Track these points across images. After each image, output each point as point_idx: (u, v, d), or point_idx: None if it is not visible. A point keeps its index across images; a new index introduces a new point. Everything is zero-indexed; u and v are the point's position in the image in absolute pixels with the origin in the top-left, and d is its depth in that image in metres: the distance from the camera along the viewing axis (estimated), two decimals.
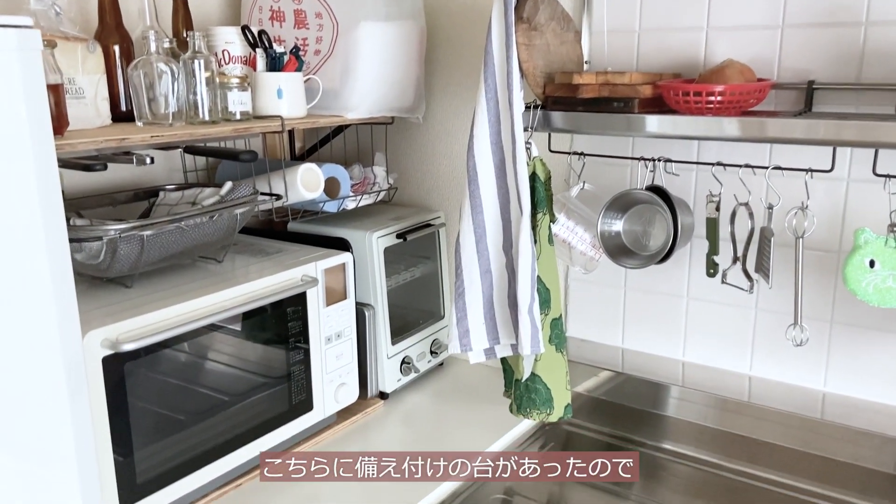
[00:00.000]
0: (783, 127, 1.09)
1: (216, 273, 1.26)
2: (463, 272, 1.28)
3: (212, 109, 1.24)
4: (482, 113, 1.22)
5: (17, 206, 0.79)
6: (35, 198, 0.79)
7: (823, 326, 1.28)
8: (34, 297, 0.82)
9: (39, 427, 0.85)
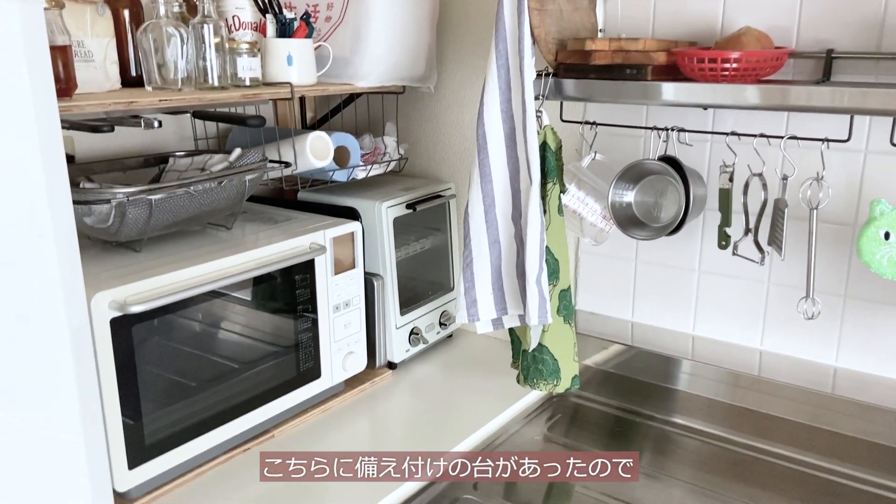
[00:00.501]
0: (807, 94, 1.06)
1: (225, 239, 1.26)
2: (471, 242, 1.27)
3: (221, 75, 1.24)
4: (493, 80, 1.21)
5: (20, 162, 0.79)
6: (37, 152, 0.79)
7: (836, 301, 1.27)
8: (39, 255, 0.82)
9: (45, 388, 0.86)
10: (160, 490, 1.12)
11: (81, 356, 0.89)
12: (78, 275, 0.86)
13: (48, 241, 0.83)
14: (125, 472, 1.06)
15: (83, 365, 0.89)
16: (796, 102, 1.08)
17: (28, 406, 0.85)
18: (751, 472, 1.24)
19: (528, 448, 1.31)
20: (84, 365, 0.90)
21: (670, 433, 1.36)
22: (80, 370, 0.89)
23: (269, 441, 1.27)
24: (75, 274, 0.86)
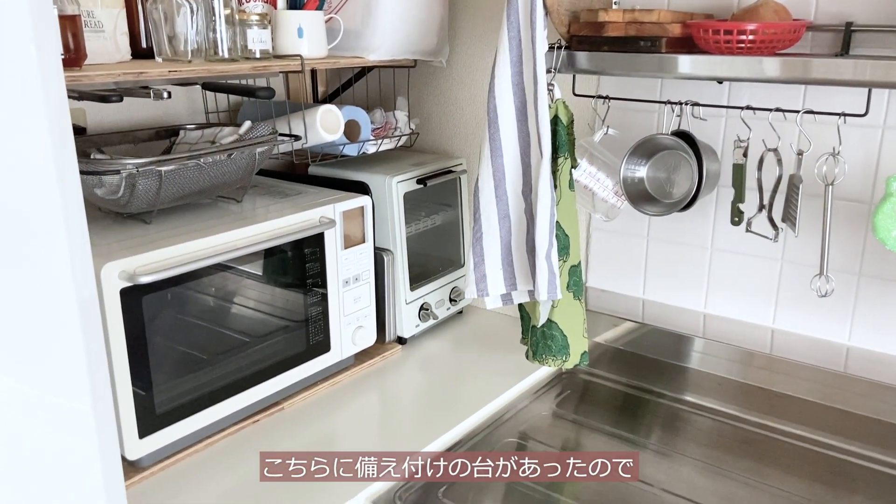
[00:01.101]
0: (827, 67, 1.04)
1: (235, 212, 1.26)
2: (481, 217, 1.27)
3: (231, 47, 1.23)
4: (504, 53, 1.19)
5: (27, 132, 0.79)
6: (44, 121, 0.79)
7: (850, 279, 1.25)
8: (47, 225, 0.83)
9: (55, 357, 0.87)
10: (171, 459, 1.14)
11: (91, 326, 0.89)
12: (86, 245, 0.86)
13: (56, 210, 0.83)
14: (136, 440, 1.07)
15: (92, 335, 0.90)
16: (817, 75, 1.06)
17: (38, 375, 0.86)
18: (761, 450, 1.23)
19: (537, 424, 1.31)
20: (93, 335, 0.90)
21: (680, 411, 1.36)
22: (89, 340, 0.89)
23: (279, 413, 1.28)
24: (83, 244, 0.86)
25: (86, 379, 0.89)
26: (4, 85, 0.77)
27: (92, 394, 0.90)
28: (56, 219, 0.83)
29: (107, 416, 0.93)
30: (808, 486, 1.14)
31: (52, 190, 0.82)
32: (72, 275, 0.85)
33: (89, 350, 0.89)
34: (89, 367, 0.89)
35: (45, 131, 0.80)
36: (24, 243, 0.81)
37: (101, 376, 0.91)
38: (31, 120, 0.79)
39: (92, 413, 0.91)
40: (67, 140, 0.82)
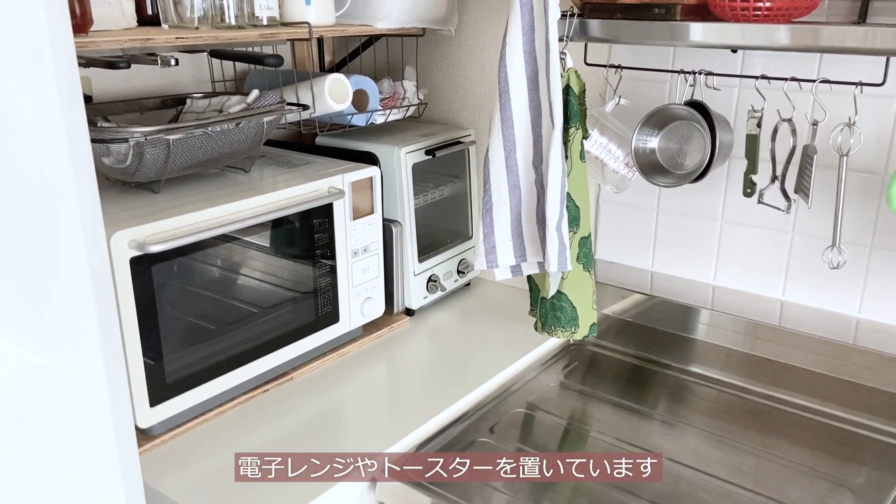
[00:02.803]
0: (838, 34, 1.02)
1: (243, 182, 1.25)
2: (491, 187, 1.26)
3: (238, 14, 1.21)
4: (516, 20, 1.17)
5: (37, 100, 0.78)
6: (54, 88, 0.78)
7: (862, 251, 1.24)
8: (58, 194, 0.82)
9: (67, 327, 0.87)
10: (182, 427, 1.14)
11: (102, 295, 0.89)
12: (98, 213, 0.86)
13: (68, 180, 0.82)
14: (147, 409, 1.08)
15: (104, 304, 0.90)
16: (828, 43, 1.04)
17: (51, 345, 0.86)
18: (768, 420, 1.24)
19: (545, 395, 1.31)
20: (105, 304, 0.90)
21: (687, 382, 1.36)
22: (101, 309, 0.89)
23: (288, 382, 1.29)
24: (95, 213, 0.86)
25: (99, 349, 0.89)
26: (15, 52, 0.76)
27: (105, 363, 0.90)
28: (67, 186, 0.82)
29: (120, 385, 0.93)
30: (815, 456, 1.14)
31: (62, 158, 0.81)
32: (84, 243, 0.85)
33: (102, 319, 0.89)
34: (102, 337, 0.89)
35: (56, 98, 0.79)
36: (36, 213, 0.81)
37: (114, 345, 0.91)
38: (42, 87, 0.78)
39: (105, 382, 0.91)
40: (78, 107, 0.82)
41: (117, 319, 0.92)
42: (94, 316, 0.89)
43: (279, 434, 1.14)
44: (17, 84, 0.77)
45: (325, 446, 1.10)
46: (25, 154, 0.79)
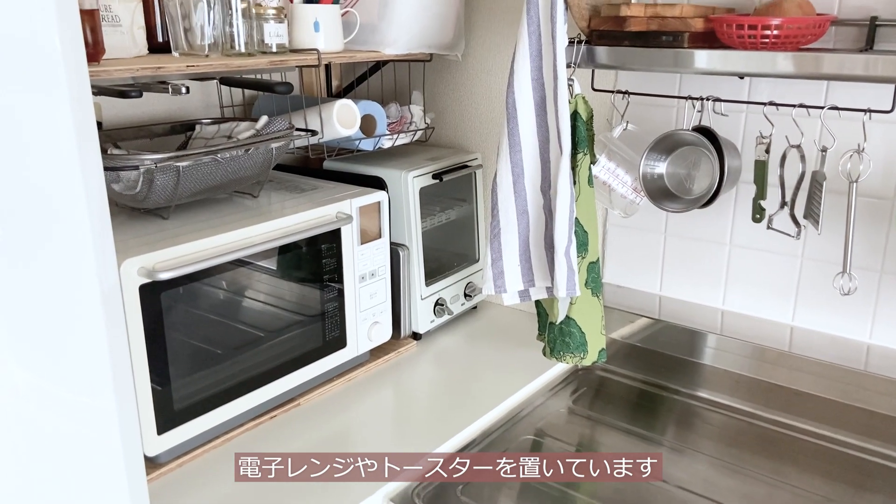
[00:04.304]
0: (840, 62, 1.03)
1: (252, 207, 1.26)
2: (499, 212, 1.26)
3: (248, 41, 1.22)
4: (524, 47, 1.18)
5: (52, 134, 0.78)
6: (69, 124, 0.78)
7: (873, 276, 1.24)
8: (71, 222, 0.82)
9: (77, 354, 0.87)
10: (189, 455, 1.14)
11: (113, 322, 0.89)
12: (109, 241, 0.86)
13: (80, 207, 0.83)
14: (154, 436, 1.07)
15: (114, 331, 0.90)
16: (830, 71, 1.05)
17: (60, 372, 0.86)
18: (779, 448, 1.23)
19: (554, 421, 1.30)
20: (115, 331, 0.90)
21: (696, 407, 1.35)
22: (111, 336, 0.89)
23: (295, 409, 1.28)
24: (107, 241, 0.86)
25: (109, 376, 0.89)
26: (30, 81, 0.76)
27: (114, 391, 0.90)
28: (80, 213, 0.83)
29: (129, 413, 0.93)
30: (828, 485, 1.13)
31: (76, 187, 0.81)
32: (95, 267, 0.85)
33: (112, 346, 0.89)
34: (112, 364, 0.89)
35: (70, 127, 0.79)
36: (48, 238, 0.81)
37: (123, 373, 0.91)
38: (56, 116, 0.78)
39: (115, 409, 0.91)
40: (91, 136, 0.82)
41: (127, 346, 0.92)
42: (104, 342, 0.89)
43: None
44: (33, 112, 0.77)
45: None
46: (40, 183, 0.79)
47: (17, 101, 0.76)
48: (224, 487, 1.07)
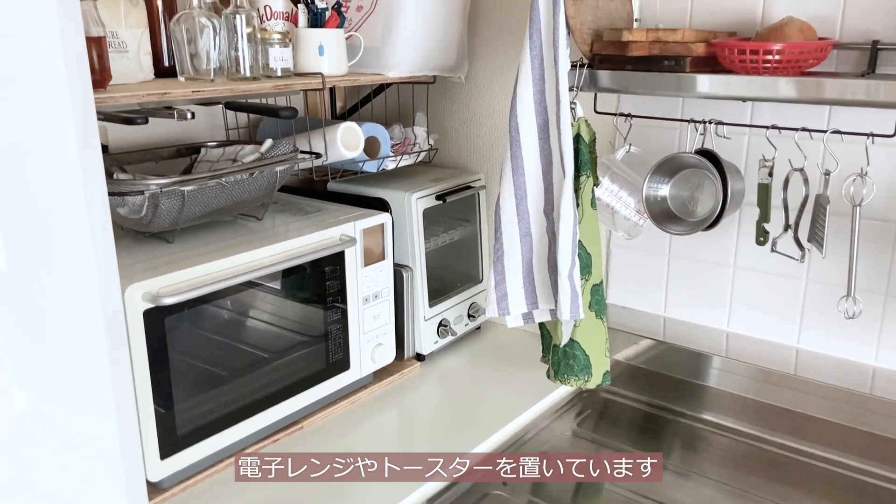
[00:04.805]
0: (842, 87, 1.03)
1: (256, 230, 1.26)
2: (502, 235, 1.26)
3: (253, 65, 1.23)
4: (526, 71, 1.19)
5: (57, 159, 0.79)
6: (74, 149, 0.79)
7: (878, 299, 1.23)
8: (75, 249, 0.83)
9: (80, 378, 0.87)
10: (191, 480, 1.13)
11: (116, 347, 0.89)
12: (113, 267, 0.87)
13: (85, 233, 0.83)
14: (157, 461, 1.07)
15: (117, 356, 0.90)
16: (832, 96, 1.05)
17: (64, 396, 0.86)
18: (785, 471, 1.22)
19: (558, 444, 1.30)
20: (118, 356, 0.90)
21: (702, 430, 1.35)
22: (114, 361, 0.89)
23: (298, 432, 1.28)
24: (111, 266, 0.87)
25: (111, 400, 0.89)
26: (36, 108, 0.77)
27: (117, 415, 0.90)
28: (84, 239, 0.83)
29: (131, 436, 0.93)
30: None
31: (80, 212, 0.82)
32: (98, 292, 0.85)
33: (115, 370, 0.89)
34: (114, 388, 0.89)
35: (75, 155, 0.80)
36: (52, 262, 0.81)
37: (126, 397, 0.91)
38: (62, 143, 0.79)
39: (117, 434, 0.91)
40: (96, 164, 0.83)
41: (130, 370, 0.92)
42: (107, 366, 0.89)
43: (287, 486, 1.13)
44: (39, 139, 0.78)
45: (336, 497, 1.09)
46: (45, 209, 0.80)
47: (23, 128, 0.77)
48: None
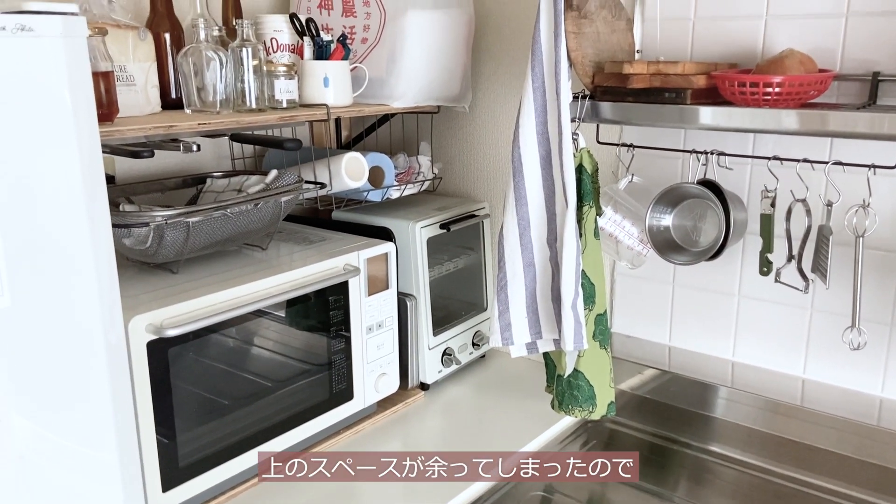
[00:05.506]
0: (845, 120, 1.04)
1: (260, 260, 1.27)
2: (506, 265, 1.26)
3: (259, 97, 1.25)
4: (528, 103, 1.20)
5: (62, 192, 0.80)
6: (79, 183, 0.80)
7: (883, 329, 1.23)
8: (78, 280, 0.83)
9: (83, 408, 0.87)
10: None
11: (118, 378, 0.90)
12: (116, 299, 0.87)
13: (89, 267, 0.84)
14: (159, 494, 1.07)
15: (119, 387, 0.90)
16: (835, 128, 1.05)
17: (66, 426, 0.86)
18: None
19: None
20: (120, 387, 0.90)
21: (708, 462, 1.33)
22: (116, 392, 0.90)
23: None
24: (114, 298, 0.87)
25: (112, 431, 0.90)
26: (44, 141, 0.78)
27: (118, 447, 0.90)
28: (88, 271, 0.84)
29: (133, 469, 0.93)
30: None
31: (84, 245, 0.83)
32: (101, 323, 0.86)
33: (116, 401, 0.89)
34: (116, 419, 0.89)
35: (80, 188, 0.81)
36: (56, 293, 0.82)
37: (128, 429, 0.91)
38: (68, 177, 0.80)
39: (118, 465, 0.91)
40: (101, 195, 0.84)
41: (132, 401, 0.92)
42: (108, 397, 0.89)
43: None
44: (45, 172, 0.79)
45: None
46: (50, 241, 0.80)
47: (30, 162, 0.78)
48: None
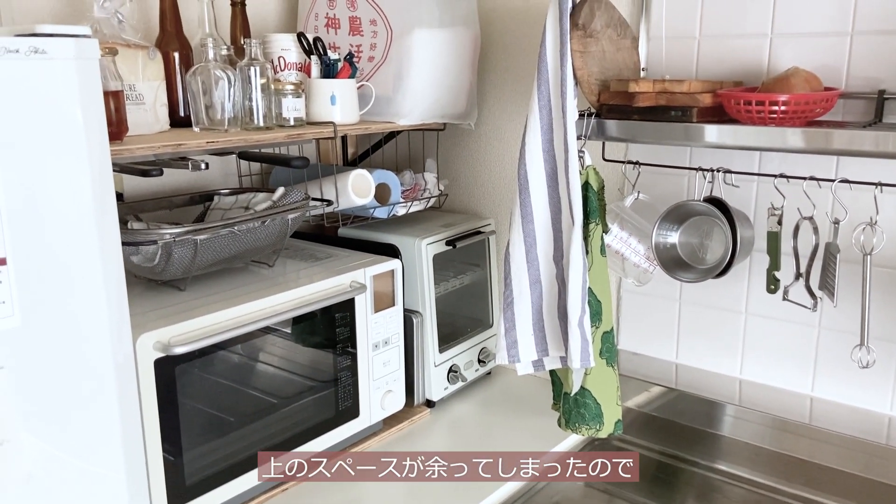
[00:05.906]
0: (851, 138, 1.04)
1: (267, 277, 1.27)
2: (512, 282, 1.26)
3: (266, 115, 1.26)
4: (535, 121, 1.20)
5: (73, 211, 0.80)
6: (90, 202, 0.81)
7: (892, 347, 1.22)
8: (87, 298, 0.84)
9: (90, 427, 0.87)
10: None
11: (125, 396, 0.90)
12: (125, 317, 0.88)
13: (98, 284, 0.84)
14: None
15: (127, 404, 0.90)
16: (841, 146, 1.05)
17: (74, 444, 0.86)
18: None
19: (570, 494, 1.28)
20: (128, 404, 0.91)
21: (715, 480, 1.32)
22: (124, 410, 0.90)
23: (307, 481, 1.27)
24: (123, 316, 0.88)
25: (120, 448, 0.90)
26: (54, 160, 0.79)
27: (125, 464, 0.90)
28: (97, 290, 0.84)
29: (140, 487, 0.93)
30: None
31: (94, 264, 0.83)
32: (110, 341, 0.86)
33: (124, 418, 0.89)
34: (123, 437, 0.90)
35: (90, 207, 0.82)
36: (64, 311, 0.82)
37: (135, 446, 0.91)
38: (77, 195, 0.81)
39: (125, 482, 0.91)
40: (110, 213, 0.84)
41: (140, 419, 0.93)
42: (116, 414, 0.89)
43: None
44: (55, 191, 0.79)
45: None
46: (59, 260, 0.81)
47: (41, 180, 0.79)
48: None
